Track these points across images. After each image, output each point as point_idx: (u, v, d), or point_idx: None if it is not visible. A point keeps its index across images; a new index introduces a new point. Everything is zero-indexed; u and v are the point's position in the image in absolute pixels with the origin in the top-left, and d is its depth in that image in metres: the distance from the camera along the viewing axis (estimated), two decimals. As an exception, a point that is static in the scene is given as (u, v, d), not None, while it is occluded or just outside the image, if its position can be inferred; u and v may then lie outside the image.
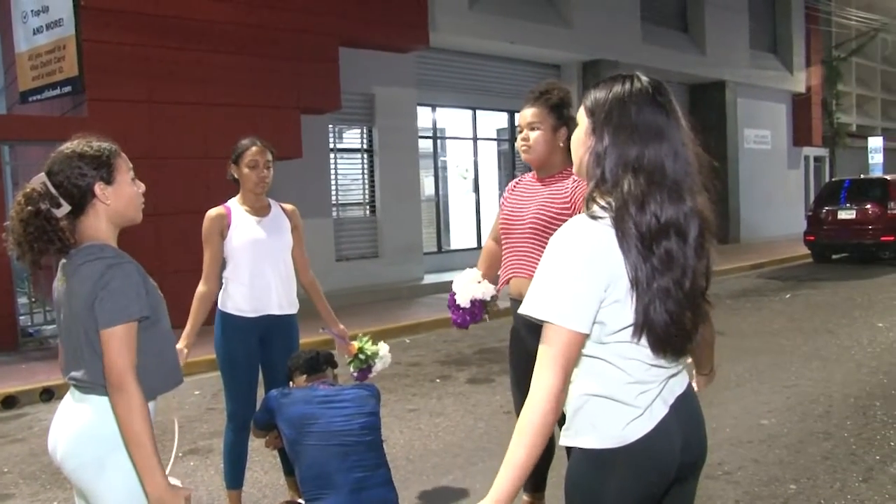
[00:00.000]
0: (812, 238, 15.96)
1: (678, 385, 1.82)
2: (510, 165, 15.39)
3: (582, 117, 1.82)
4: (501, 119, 15.33)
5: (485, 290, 3.39)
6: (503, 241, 3.38)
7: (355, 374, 4.02)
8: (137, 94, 9.12)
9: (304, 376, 3.47)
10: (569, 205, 3.13)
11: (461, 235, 14.81)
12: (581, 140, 1.81)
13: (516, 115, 13.63)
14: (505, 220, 3.36)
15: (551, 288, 1.65)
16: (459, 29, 12.89)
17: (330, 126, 11.96)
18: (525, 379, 3.00)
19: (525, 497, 3.73)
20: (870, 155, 24.01)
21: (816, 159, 25.01)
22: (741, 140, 20.33)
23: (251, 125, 9.67)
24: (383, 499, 3.11)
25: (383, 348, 4.03)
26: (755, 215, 20.57)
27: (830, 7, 23.60)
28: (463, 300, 3.39)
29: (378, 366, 4.02)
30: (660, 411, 1.75)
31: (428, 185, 14.11)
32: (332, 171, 12.02)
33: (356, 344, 4.01)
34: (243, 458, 3.94)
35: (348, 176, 12.49)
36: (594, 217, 1.70)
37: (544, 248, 2.89)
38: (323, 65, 10.61)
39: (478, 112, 14.70)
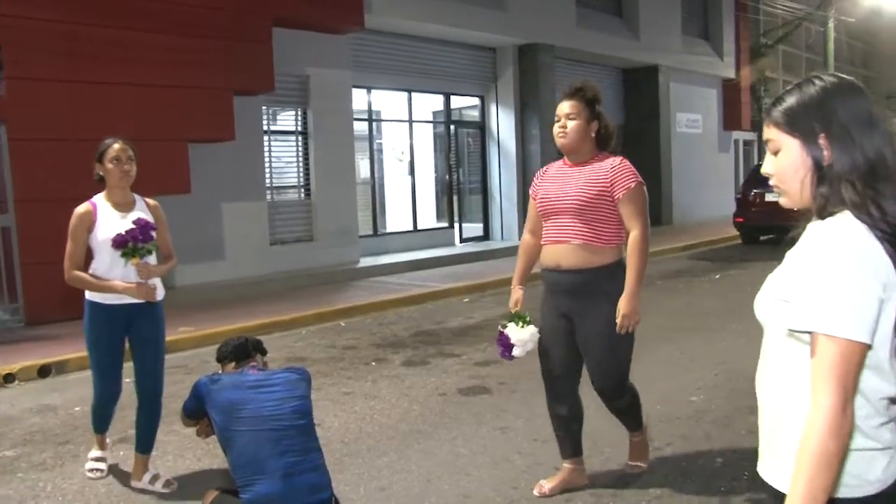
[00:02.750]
0: (741, 220, 16.34)
1: None
2: (446, 148, 15.37)
3: (782, 139, 1.63)
4: (437, 101, 15.26)
5: (536, 344, 3.86)
6: (545, 219, 3.87)
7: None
8: (59, 73, 8.79)
9: (233, 363, 3.43)
10: (609, 186, 3.69)
11: (397, 218, 14.76)
12: (795, 165, 1.62)
13: (452, 97, 13.69)
14: (543, 200, 3.85)
15: (825, 297, 1.47)
16: (395, 10, 12.78)
17: (263, 108, 11.75)
18: (551, 344, 3.87)
19: (567, 465, 4.03)
20: (796, 139, 24.67)
21: (746, 143, 25.61)
22: (674, 124, 20.68)
23: (181, 106, 9.50)
24: (315, 483, 3.08)
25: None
26: (687, 198, 20.98)
27: (759, -4, 24.14)
28: (519, 353, 3.81)
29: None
30: None
31: (363, 168, 13.99)
32: (266, 154, 11.82)
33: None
34: (110, 416, 4.41)
35: (282, 158, 12.31)
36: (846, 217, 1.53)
37: (583, 222, 3.71)
38: (255, 45, 10.41)
39: (413, 94, 14.61)
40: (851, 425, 1.46)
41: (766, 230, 16.51)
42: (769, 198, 15.84)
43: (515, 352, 3.81)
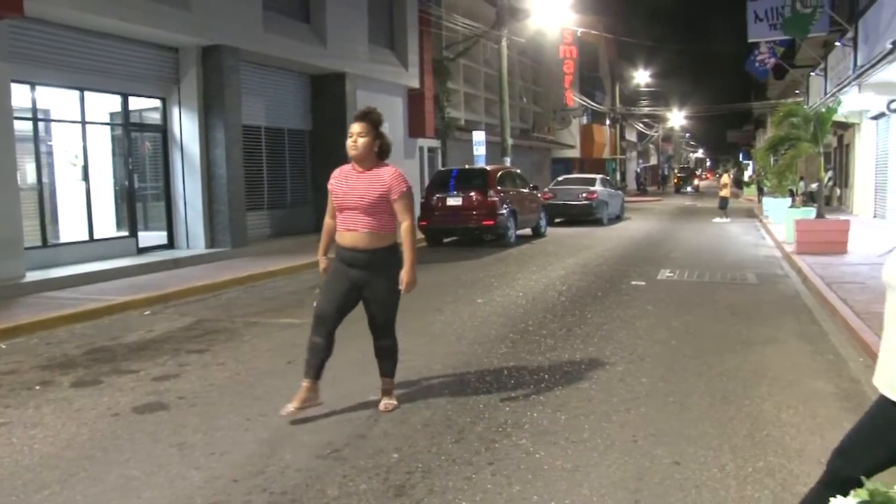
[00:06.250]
0: (425, 223, 17.22)
1: None
2: (125, 152, 14.44)
3: None
4: (114, 102, 14.27)
5: None
6: (339, 210, 5.12)
7: None
8: None
9: None
10: (388, 190, 5.02)
11: (71, 227, 13.55)
12: None
13: (131, 98, 12.78)
14: (338, 197, 5.11)
15: None
16: None
17: None
18: (332, 293, 5.13)
19: (304, 383, 5.11)
20: (474, 147, 26.52)
21: (430, 150, 26.98)
22: (361, 131, 21.15)
23: None
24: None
25: None
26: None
27: (441, 12, 25.54)
28: None
29: None
30: None
31: (29, 173, 12.67)
32: None
33: None
34: None
35: (-75, 161, 10.80)
36: None
37: (369, 215, 5.01)
38: None
39: (87, 93, 13.52)
40: None
41: (448, 232, 17.55)
42: (450, 202, 16.88)
43: None
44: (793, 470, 4.20)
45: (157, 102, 15.18)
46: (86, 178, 13.55)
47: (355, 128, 5.07)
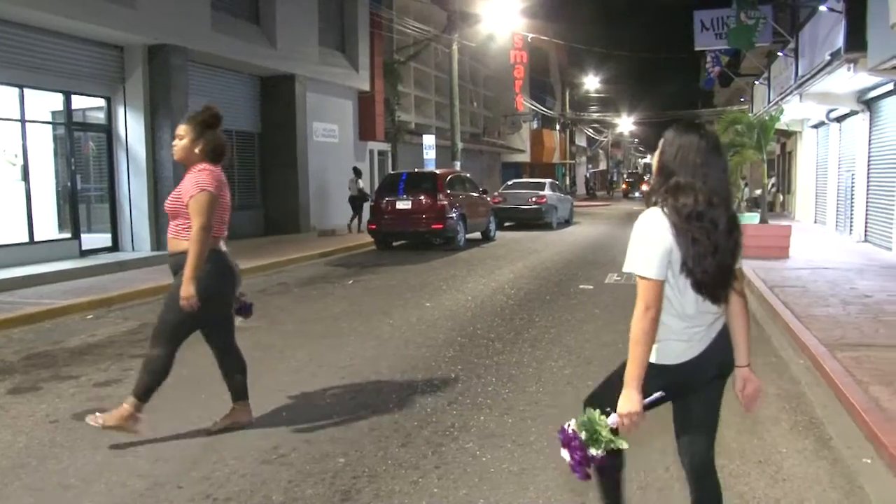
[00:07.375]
0: (374, 227, 17.15)
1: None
2: (68, 152, 14.11)
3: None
4: (56, 100, 13.94)
5: None
6: None
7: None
8: None
9: None
10: (183, 192, 4.65)
11: (10, 229, 13.16)
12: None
13: (74, 97, 12.44)
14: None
15: (635, 252, 2.66)
16: (0, -7, 11.44)
17: None
18: (174, 301, 4.60)
19: (235, 406, 5.03)
20: (425, 151, 26.52)
21: (380, 153, 26.91)
22: (310, 133, 21.06)
23: None
24: None
25: None
26: (324, 206, 21.50)
27: (392, 15, 25.50)
28: None
29: None
30: None
31: (-36, 172, 12.30)
32: None
33: None
34: None
35: None
36: None
37: (172, 218, 4.73)
38: None
39: (27, 91, 13.16)
40: (651, 321, 2.62)
41: (398, 236, 17.50)
42: (400, 205, 16.84)
43: None
44: (734, 470, 4.27)
45: (101, 102, 14.86)
46: (26, 178, 13.19)
47: (178, 129, 4.84)
